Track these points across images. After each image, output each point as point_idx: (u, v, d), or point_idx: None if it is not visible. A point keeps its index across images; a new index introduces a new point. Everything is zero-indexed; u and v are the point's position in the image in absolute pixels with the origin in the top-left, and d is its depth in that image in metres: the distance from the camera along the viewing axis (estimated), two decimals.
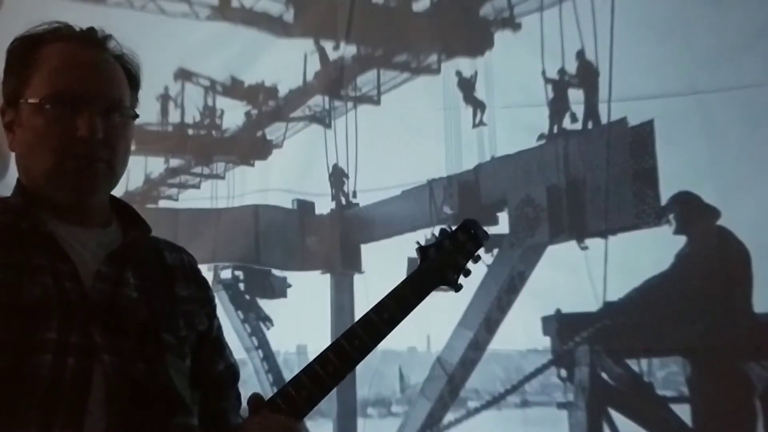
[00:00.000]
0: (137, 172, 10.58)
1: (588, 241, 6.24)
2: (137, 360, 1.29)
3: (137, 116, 1.41)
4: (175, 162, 11.65)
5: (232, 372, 1.56)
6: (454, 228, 1.72)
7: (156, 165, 11.27)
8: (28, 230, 1.30)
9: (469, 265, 1.77)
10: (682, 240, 5.39)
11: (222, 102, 10.74)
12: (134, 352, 1.29)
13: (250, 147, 12.10)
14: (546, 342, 5.87)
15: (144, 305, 1.34)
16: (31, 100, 1.27)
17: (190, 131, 11.19)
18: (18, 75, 1.32)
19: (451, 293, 6.53)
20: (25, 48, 1.34)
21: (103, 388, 1.21)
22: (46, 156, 1.28)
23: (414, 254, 6.89)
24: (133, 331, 1.31)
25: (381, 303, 1.57)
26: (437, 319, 7.77)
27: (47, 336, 1.22)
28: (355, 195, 9.78)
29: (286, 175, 10.52)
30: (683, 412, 5.22)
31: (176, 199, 11.00)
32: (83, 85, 1.29)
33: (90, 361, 1.23)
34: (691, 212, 5.39)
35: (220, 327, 1.53)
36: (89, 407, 1.19)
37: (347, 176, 9.72)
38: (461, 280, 1.79)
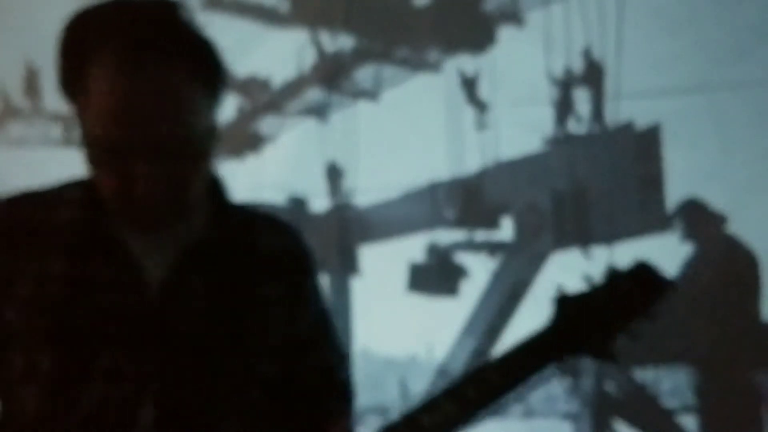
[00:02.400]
0: None
1: (593, 249, 6.38)
2: (192, 386, 1.20)
3: (215, 128, 1.21)
4: None
5: (326, 371, 1.36)
6: (615, 271, 1.31)
7: None
8: (93, 234, 1.20)
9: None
10: (688, 247, 5.49)
11: None
12: (189, 377, 1.20)
13: (242, 141, 12.21)
14: None
15: (208, 319, 1.22)
16: (82, 128, 1.13)
17: None
18: (70, 82, 1.15)
19: (453, 298, 6.60)
20: (75, 58, 1.15)
21: (151, 420, 1.17)
22: (107, 190, 1.15)
23: (417, 258, 7.02)
24: (195, 351, 1.21)
25: (481, 371, 1.25)
26: (439, 326, 7.90)
27: (97, 362, 1.16)
28: (351, 193, 9.87)
29: (279, 170, 10.67)
30: (689, 422, 5.37)
31: None
32: (133, 137, 1.12)
33: (140, 388, 1.17)
34: (698, 219, 5.47)
35: (315, 323, 1.34)
36: None
37: (343, 173, 9.81)
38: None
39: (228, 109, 11.59)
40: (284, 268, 1.30)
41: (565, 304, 1.29)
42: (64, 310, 1.16)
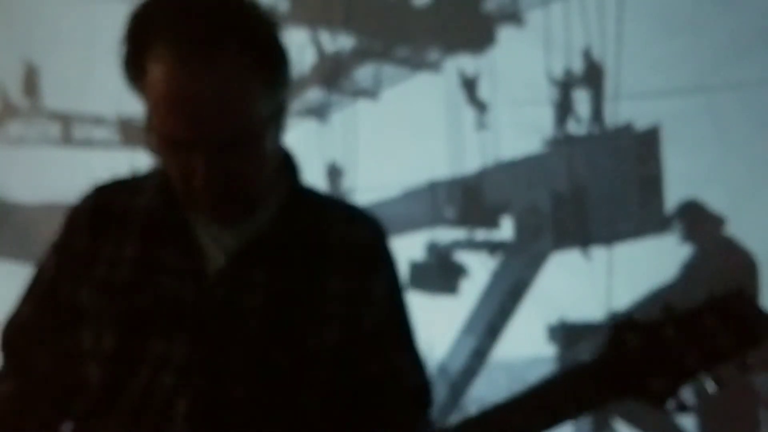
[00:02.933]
0: (123, 166, 10.70)
1: (592, 250, 6.40)
2: (237, 383, 1.17)
3: (280, 112, 1.17)
4: None
5: (391, 374, 1.25)
6: (707, 300, 1.01)
7: (143, 159, 11.34)
8: (164, 220, 1.20)
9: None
10: (687, 248, 5.51)
11: None
12: (236, 373, 1.17)
13: None
14: (550, 350, 5.98)
15: (265, 314, 1.18)
16: (146, 115, 1.12)
17: None
18: (131, 75, 1.14)
19: (453, 297, 6.60)
20: (134, 47, 1.13)
21: (184, 411, 1.15)
22: (173, 179, 1.15)
23: (418, 256, 7.04)
24: (243, 346, 1.17)
25: (518, 403, 1.06)
26: (439, 325, 7.89)
27: (148, 350, 1.16)
28: (351, 193, 9.86)
29: None
30: (688, 421, 5.39)
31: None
32: (189, 130, 1.11)
33: (183, 380, 1.16)
34: (697, 220, 5.49)
35: (385, 323, 1.25)
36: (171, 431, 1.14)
37: (343, 173, 9.81)
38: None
39: None
40: (353, 263, 1.24)
41: (625, 332, 1.01)
42: (129, 292, 1.17)
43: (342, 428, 1.25)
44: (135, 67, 1.11)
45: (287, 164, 1.24)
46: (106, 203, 1.24)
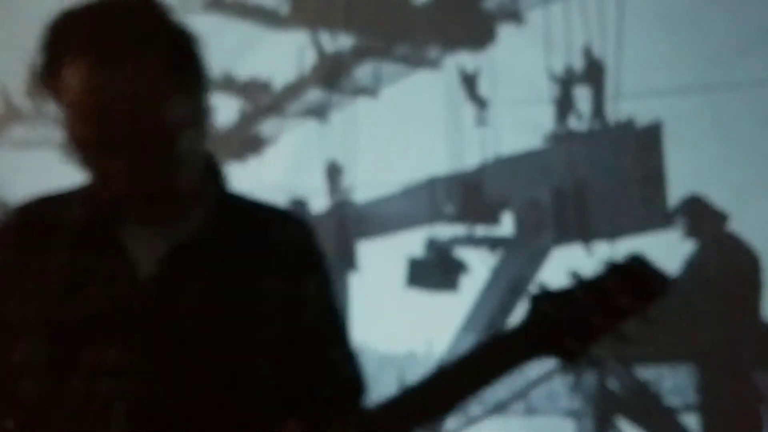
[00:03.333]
0: None
1: (594, 245, 6.30)
2: (174, 383, 1.18)
3: (199, 115, 1.19)
4: None
5: (326, 368, 1.30)
6: (606, 266, 1.12)
7: None
8: (92, 229, 1.21)
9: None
10: (689, 244, 5.43)
11: (215, 97, 10.75)
12: (173, 374, 1.18)
13: (244, 142, 12.17)
14: None
15: (199, 315, 1.19)
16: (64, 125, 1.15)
17: None
18: (49, 84, 1.16)
19: (453, 294, 6.54)
20: (50, 57, 1.15)
21: (122, 416, 1.14)
22: (99, 189, 1.19)
23: (415, 253, 6.96)
24: (179, 347, 1.18)
25: (444, 371, 1.14)
26: (439, 321, 7.84)
27: (85, 357, 1.16)
28: (351, 191, 9.83)
29: (280, 171, 10.62)
30: (691, 420, 5.29)
31: None
32: (101, 135, 1.12)
33: (119, 384, 1.15)
34: (700, 216, 5.42)
35: (319, 319, 1.28)
36: None
37: (342, 171, 9.77)
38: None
39: (229, 111, 11.54)
40: (285, 263, 1.27)
41: (542, 300, 1.13)
42: (60, 302, 1.17)
43: (280, 423, 1.24)
44: (51, 76, 1.14)
45: (213, 169, 1.28)
46: (32, 218, 1.26)
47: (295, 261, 1.28)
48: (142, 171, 1.15)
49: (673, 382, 5.67)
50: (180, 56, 1.15)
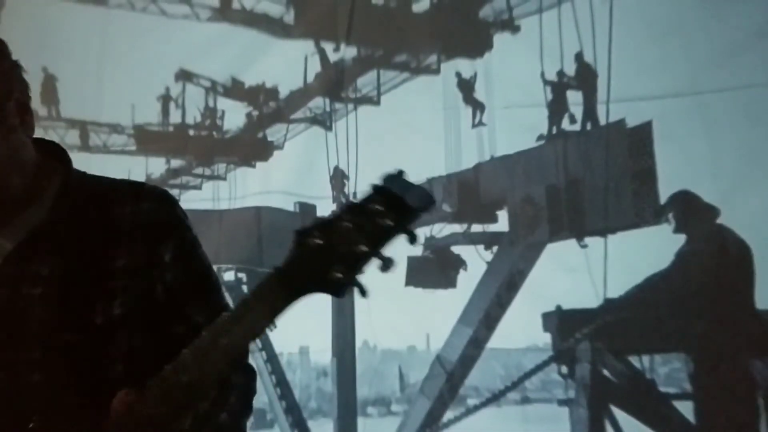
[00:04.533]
0: (138, 172, 10.56)
1: (588, 240, 6.23)
2: (35, 372, 1.17)
3: (25, 106, 1.25)
4: (176, 163, 11.61)
5: (193, 331, 1.23)
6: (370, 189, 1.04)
7: (157, 165, 11.19)
8: None
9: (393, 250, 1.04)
10: (681, 238, 5.35)
11: (223, 103, 10.72)
12: (32, 362, 1.17)
13: (252, 148, 12.07)
14: (546, 339, 5.82)
15: (49, 302, 1.19)
16: None
17: (191, 132, 11.15)
18: None
19: (450, 290, 6.42)
20: None
21: None
22: None
23: (415, 252, 6.81)
24: (35, 336, 1.18)
25: (220, 321, 1.10)
26: (436, 317, 7.74)
27: None
28: (356, 196, 9.69)
29: (287, 176, 10.51)
30: (686, 408, 5.17)
31: (178, 200, 10.95)
32: None
33: None
34: (691, 211, 5.35)
35: (182, 282, 1.27)
36: None
37: (348, 178, 9.69)
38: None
39: (237, 116, 11.46)
40: (139, 235, 1.24)
41: (305, 235, 1.03)
42: None
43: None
44: None
45: (59, 158, 1.27)
46: None
47: (150, 232, 1.25)
48: None
49: (669, 369, 5.56)
50: None
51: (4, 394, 1.16)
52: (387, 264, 1.01)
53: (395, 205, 1.00)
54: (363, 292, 1.02)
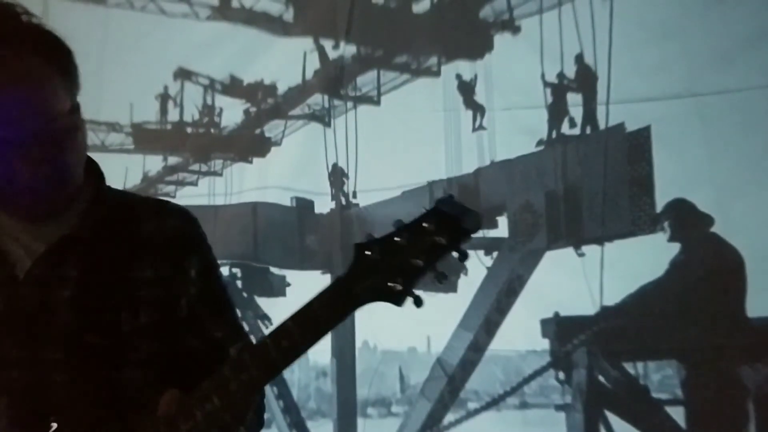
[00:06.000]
0: (135, 169, 10.69)
1: (585, 248, 6.37)
2: (58, 372, 1.19)
3: (76, 109, 1.21)
4: (173, 160, 11.78)
5: (211, 346, 1.32)
6: (425, 211, 1.17)
7: (154, 163, 11.32)
8: None
9: (446, 266, 1.18)
10: (676, 247, 5.51)
11: (221, 100, 10.84)
12: (55, 362, 1.19)
13: (249, 144, 12.17)
14: (544, 344, 5.98)
15: (76, 305, 1.20)
16: None
17: (189, 129, 11.29)
18: None
19: (452, 294, 6.64)
20: None
21: (7, 408, 1.16)
22: None
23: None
24: (59, 337, 1.19)
25: (283, 325, 1.17)
26: (437, 320, 7.87)
27: None
28: (355, 195, 9.86)
29: (284, 172, 10.61)
30: (678, 414, 5.39)
31: (174, 197, 11.03)
32: (7, 127, 1.12)
33: (3, 379, 1.17)
34: (686, 219, 5.50)
35: (199, 301, 1.31)
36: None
37: (347, 176, 9.79)
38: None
39: (235, 113, 11.56)
40: (164, 250, 1.28)
41: (364, 248, 1.16)
42: None
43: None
44: None
45: (91, 167, 1.29)
46: None
47: (175, 247, 1.29)
48: (49, 166, 1.15)
49: (661, 376, 5.76)
50: (54, 47, 1.18)
51: (27, 392, 1.17)
52: (441, 277, 1.15)
53: (448, 225, 1.13)
54: (418, 303, 1.13)
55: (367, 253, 1.16)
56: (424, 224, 1.15)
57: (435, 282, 1.16)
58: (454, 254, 1.15)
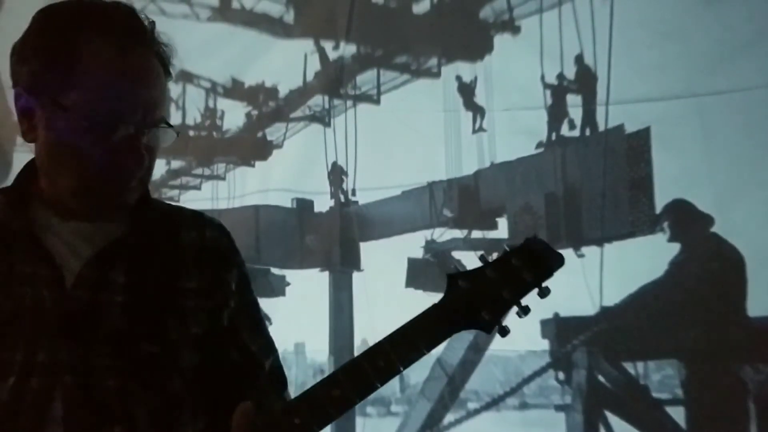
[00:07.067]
0: None
1: (584, 249, 6.34)
2: (108, 376, 1.19)
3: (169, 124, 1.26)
4: (176, 164, 11.81)
5: (249, 361, 1.34)
6: (508, 248, 1.26)
7: (157, 167, 11.25)
8: (15, 232, 1.21)
9: (528, 300, 1.27)
10: (676, 247, 5.52)
11: (222, 103, 10.87)
12: (106, 367, 1.19)
13: (251, 147, 12.20)
14: (544, 344, 6.00)
15: (127, 310, 1.21)
16: (64, 102, 1.12)
17: (191, 133, 11.34)
18: (48, 64, 1.14)
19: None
20: (61, 33, 1.15)
21: (61, 411, 1.15)
22: (74, 173, 1.17)
23: (415, 253, 7.11)
24: (110, 342, 1.19)
25: (379, 346, 1.21)
26: None
27: (13, 356, 1.15)
28: (354, 193, 9.88)
29: (286, 175, 10.62)
30: (678, 414, 5.39)
31: (177, 201, 11.07)
32: (128, 107, 1.15)
33: (52, 381, 1.16)
34: (685, 220, 5.51)
35: (238, 313, 1.33)
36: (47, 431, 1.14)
37: (346, 174, 9.81)
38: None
39: (237, 117, 11.58)
40: (206, 262, 1.32)
41: (457, 279, 1.28)
42: None
43: (209, 412, 1.29)
44: (66, 57, 1.16)
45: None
46: None
47: (215, 259, 1.34)
48: (150, 150, 1.22)
49: (661, 376, 5.77)
50: (160, 46, 1.26)
51: (83, 398, 1.17)
52: (524, 311, 1.29)
53: (535, 264, 1.27)
54: (504, 333, 1.28)
55: (460, 283, 1.27)
56: (513, 260, 1.27)
57: (518, 316, 1.28)
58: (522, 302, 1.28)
